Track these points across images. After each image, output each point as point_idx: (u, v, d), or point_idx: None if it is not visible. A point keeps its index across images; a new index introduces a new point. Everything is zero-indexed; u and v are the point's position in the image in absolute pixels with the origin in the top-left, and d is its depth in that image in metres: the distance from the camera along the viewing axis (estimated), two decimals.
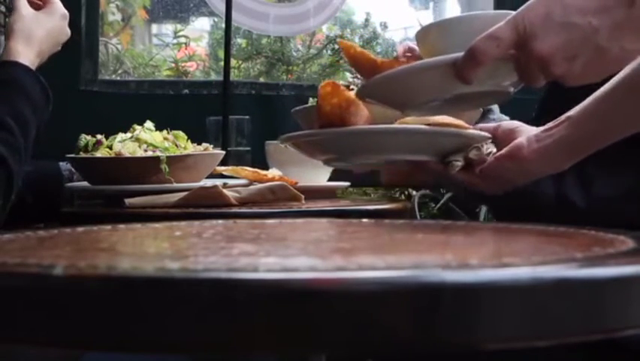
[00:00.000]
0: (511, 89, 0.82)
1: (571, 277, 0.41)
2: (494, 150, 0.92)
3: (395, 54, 1.08)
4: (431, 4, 3.91)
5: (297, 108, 1.26)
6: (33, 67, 1.08)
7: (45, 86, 1.08)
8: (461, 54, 0.74)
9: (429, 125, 0.93)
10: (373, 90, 0.85)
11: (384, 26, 3.35)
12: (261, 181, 1.34)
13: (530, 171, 0.88)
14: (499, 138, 0.94)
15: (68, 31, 1.16)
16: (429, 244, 0.62)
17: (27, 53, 1.07)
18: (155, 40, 3.78)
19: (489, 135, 0.94)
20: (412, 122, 0.95)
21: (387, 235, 0.69)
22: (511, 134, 0.92)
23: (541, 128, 0.87)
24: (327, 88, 0.96)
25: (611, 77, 0.76)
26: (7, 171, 0.95)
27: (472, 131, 0.94)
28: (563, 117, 0.85)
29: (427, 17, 3.79)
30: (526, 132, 0.90)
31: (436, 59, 0.79)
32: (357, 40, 3.23)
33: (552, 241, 0.59)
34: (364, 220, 0.78)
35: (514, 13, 0.73)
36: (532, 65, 0.72)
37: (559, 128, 0.85)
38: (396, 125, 0.95)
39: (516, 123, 0.97)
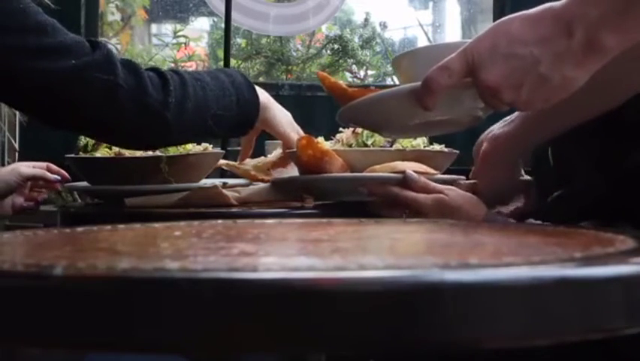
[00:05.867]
0: (481, 113, 0.88)
1: (570, 276, 0.41)
2: None
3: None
4: (430, 4, 3.92)
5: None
6: None
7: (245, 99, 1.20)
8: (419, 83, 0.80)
9: (396, 172, 1.08)
10: (348, 116, 0.92)
11: (384, 26, 3.36)
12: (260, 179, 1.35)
13: (504, 157, 1.07)
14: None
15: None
16: (429, 244, 0.62)
17: None
18: (154, 40, 3.79)
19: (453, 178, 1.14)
20: (380, 170, 1.11)
21: (387, 234, 0.69)
22: (480, 147, 1.11)
23: (498, 124, 1.08)
24: (303, 141, 1.12)
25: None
26: (183, 80, 1.11)
27: (436, 177, 1.11)
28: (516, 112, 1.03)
29: (427, 17, 3.80)
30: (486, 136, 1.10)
31: (398, 88, 0.86)
32: (356, 40, 3.23)
33: (552, 241, 0.59)
34: (364, 220, 0.78)
35: (467, 42, 0.78)
36: (484, 92, 0.77)
37: (512, 119, 1.05)
38: (363, 174, 1.12)
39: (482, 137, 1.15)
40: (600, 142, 1.02)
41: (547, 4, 0.73)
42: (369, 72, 3.37)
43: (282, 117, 1.25)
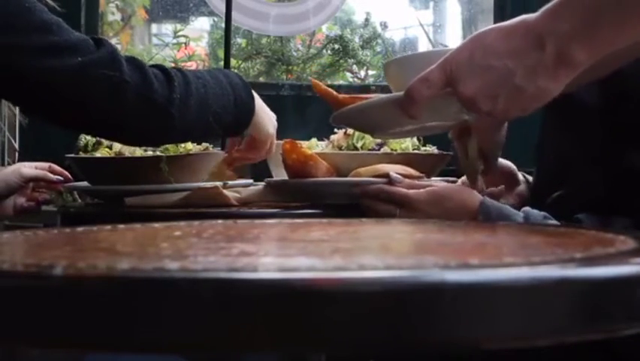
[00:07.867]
0: (467, 117, 0.90)
1: (571, 276, 0.41)
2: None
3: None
4: (431, 4, 3.91)
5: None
6: None
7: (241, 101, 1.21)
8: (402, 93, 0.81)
9: (379, 176, 1.11)
10: (340, 120, 0.96)
11: (384, 26, 3.35)
12: None
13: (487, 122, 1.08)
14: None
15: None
16: (429, 244, 0.62)
17: None
18: (154, 40, 3.78)
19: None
20: (364, 174, 1.14)
21: (387, 234, 0.69)
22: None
23: None
24: (287, 145, 1.16)
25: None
26: (187, 80, 1.12)
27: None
28: None
29: (427, 17, 3.79)
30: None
31: (384, 97, 0.89)
32: (357, 40, 3.23)
33: (552, 241, 0.59)
34: (364, 220, 0.78)
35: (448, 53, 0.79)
36: (462, 102, 0.78)
37: None
38: (348, 178, 1.15)
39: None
40: (599, 141, 1.02)
41: (521, 17, 0.74)
42: (370, 72, 3.37)
43: (267, 122, 1.28)
